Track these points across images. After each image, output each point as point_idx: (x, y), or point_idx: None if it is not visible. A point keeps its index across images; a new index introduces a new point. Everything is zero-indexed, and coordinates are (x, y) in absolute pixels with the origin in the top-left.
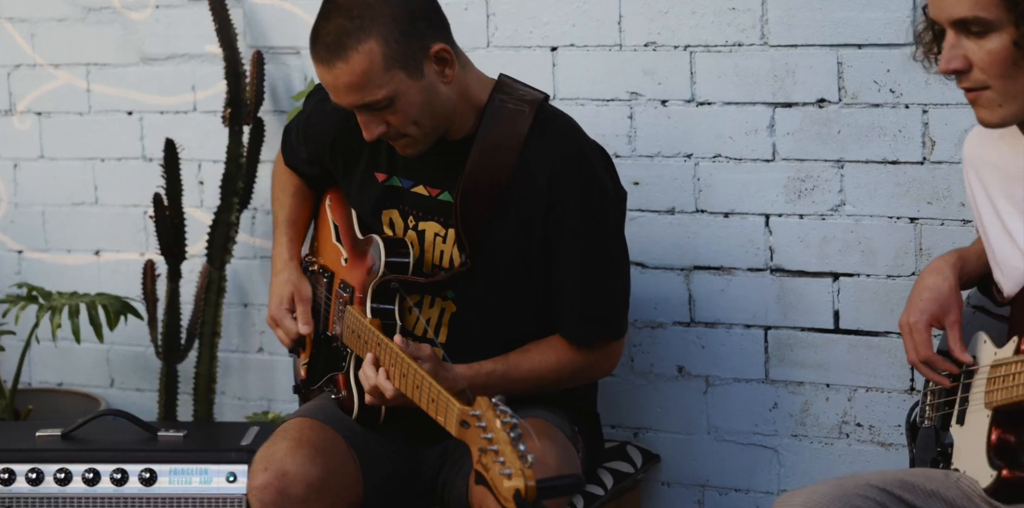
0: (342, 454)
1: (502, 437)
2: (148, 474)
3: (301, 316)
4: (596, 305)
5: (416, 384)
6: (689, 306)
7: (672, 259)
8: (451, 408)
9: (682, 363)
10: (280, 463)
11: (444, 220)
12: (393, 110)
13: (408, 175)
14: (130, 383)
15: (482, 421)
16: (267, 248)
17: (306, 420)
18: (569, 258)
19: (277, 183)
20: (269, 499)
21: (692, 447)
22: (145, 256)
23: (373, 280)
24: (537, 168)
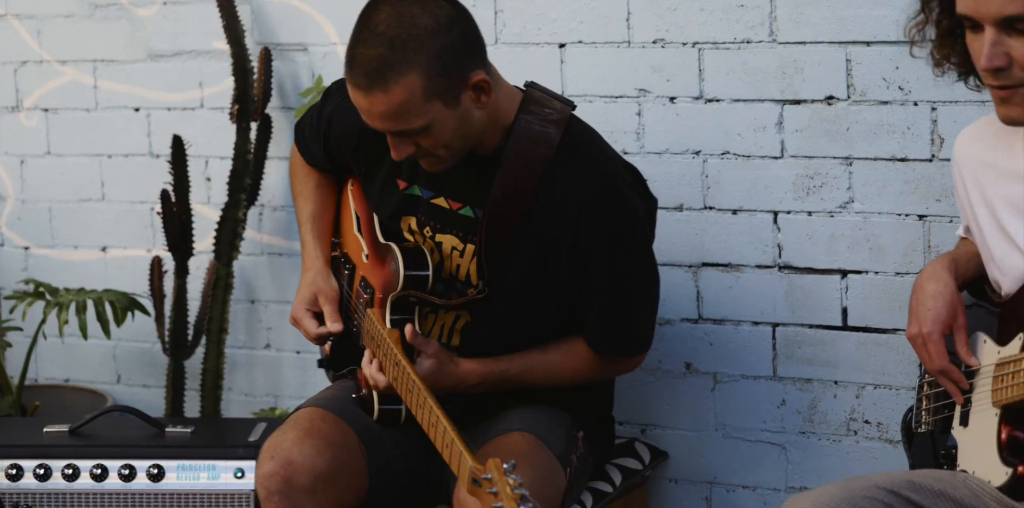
0: (351, 447)
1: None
2: (156, 470)
3: (329, 316)
4: (625, 326)
5: (432, 422)
6: (697, 303)
7: (680, 256)
8: (464, 462)
9: (690, 360)
10: (287, 452)
11: (463, 235)
12: (426, 136)
13: (429, 186)
14: (137, 379)
15: (493, 487)
16: (275, 245)
17: (317, 411)
18: (597, 281)
19: (297, 176)
20: (275, 487)
21: (700, 444)
22: (152, 252)
23: (392, 292)
24: (564, 195)
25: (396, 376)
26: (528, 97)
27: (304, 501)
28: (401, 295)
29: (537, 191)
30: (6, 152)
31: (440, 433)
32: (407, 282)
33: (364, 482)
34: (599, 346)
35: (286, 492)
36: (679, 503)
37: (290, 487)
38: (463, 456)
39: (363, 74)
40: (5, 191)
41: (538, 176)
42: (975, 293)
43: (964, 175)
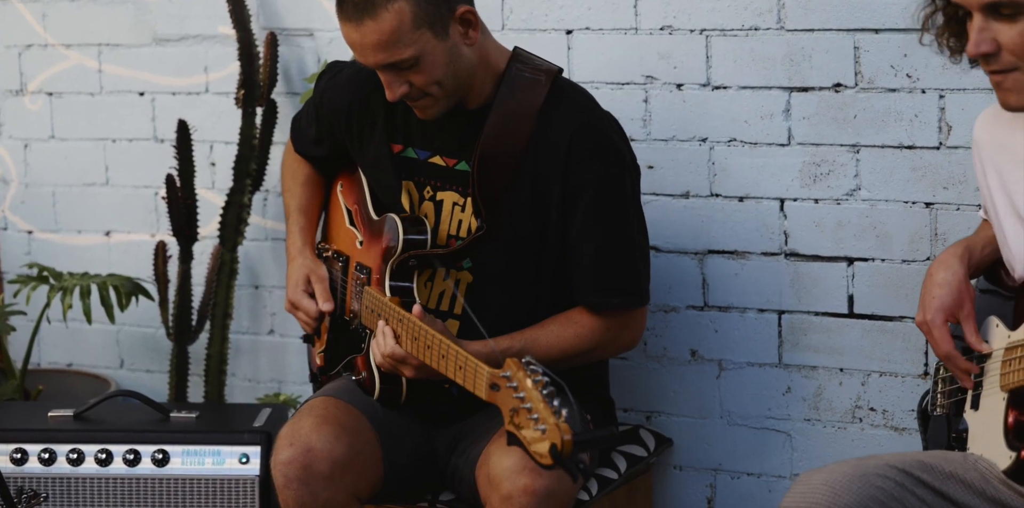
0: (366, 433)
1: (534, 395)
2: (161, 455)
3: (320, 295)
4: (616, 272)
5: (442, 353)
6: (703, 290)
7: (686, 243)
8: (480, 373)
9: (695, 347)
10: (306, 439)
11: (462, 189)
12: (418, 70)
13: (424, 146)
14: (140, 364)
15: (513, 381)
16: (279, 230)
17: (330, 399)
18: (587, 225)
19: (287, 172)
20: (294, 474)
21: (705, 431)
22: (156, 237)
23: (392, 258)
24: (554, 136)
25: (401, 332)
26: (518, 52)
27: (322, 488)
28: (401, 259)
29: (528, 135)
30: (10, 136)
31: (452, 357)
32: (406, 245)
33: (378, 469)
34: (594, 299)
35: (305, 479)
36: (684, 490)
37: (309, 474)
38: (479, 368)
39: (353, 5)
40: (9, 175)
41: (530, 120)
42: (991, 278)
43: (984, 158)
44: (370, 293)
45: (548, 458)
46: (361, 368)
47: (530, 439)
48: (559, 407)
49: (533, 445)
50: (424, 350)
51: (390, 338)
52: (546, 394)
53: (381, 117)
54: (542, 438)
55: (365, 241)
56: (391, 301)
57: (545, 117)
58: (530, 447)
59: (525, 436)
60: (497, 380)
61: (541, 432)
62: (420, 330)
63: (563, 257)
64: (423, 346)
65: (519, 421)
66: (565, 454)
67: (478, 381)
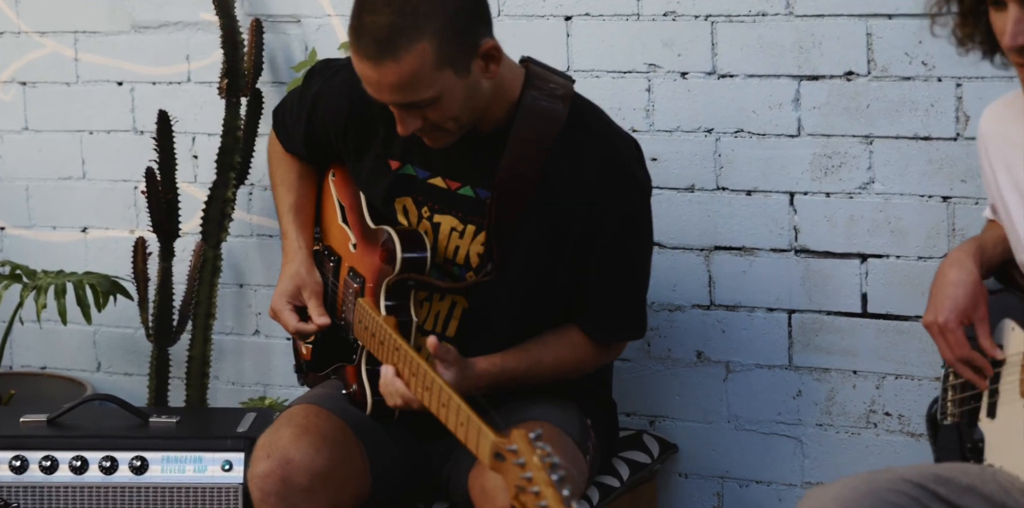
0: (349, 444)
1: (543, 477)
2: (139, 462)
3: (314, 309)
4: (625, 308)
5: (443, 402)
6: (709, 288)
7: (691, 239)
8: (484, 437)
9: (701, 348)
10: (284, 450)
11: (463, 215)
12: (435, 108)
13: (424, 165)
14: (118, 367)
15: (519, 457)
16: (265, 226)
17: (311, 407)
18: (603, 261)
19: (277, 165)
20: (271, 488)
21: (711, 437)
22: (135, 233)
23: (387, 277)
24: (574, 169)
25: (396, 362)
26: (531, 72)
27: (301, 501)
28: (398, 279)
29: (545, 170)
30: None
31: (454, 411)
32: (405, 265)
33: (363, 481)
34: (600, 332)
35: (283, 493)
36: (689, 498)
37: (287, 487)
38: (482, 431)
39: (372, 43)
40: None
41: (546, 154)
42: (1002, 279)
43: (991, 154)
44: (364, 308)
45: None
46: (351, 380)
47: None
48: (569, 497)
49: None
50: (422, 392)
51: (397, 383)
52: (556, 480)
53: (381, 130)
54: None
55: (359, 246)
56: (386, 322)
57: (564, 148)
58: None
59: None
60: (503, 451)
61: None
62: (419, 368)
63: (569, 288)
64: (421, 387)
65: (525, 501)
66: None
67: (481, 445)
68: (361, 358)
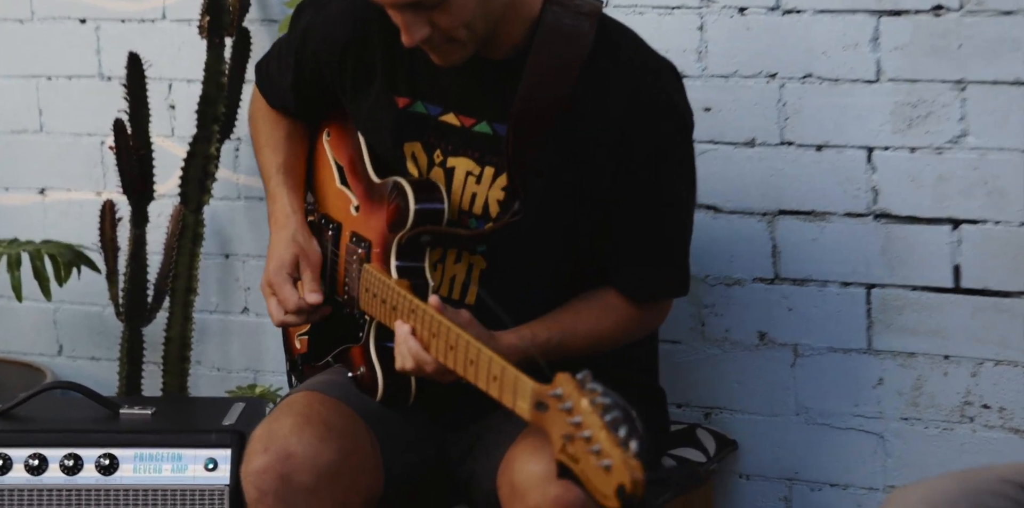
0: (358, 434)
1: (594, 421)
2: (108, 461)
3: (307, 283)
4: (666, 261)
5: (470, 359)
6: (773, 259)
7: (752, 201)
8: (522, 387)
9: (764, 329)
10: (284, 443)
11: (479, 156)
12: (444, 9)
13: (436, 100)
14: (83, 351)
15: (566, 401)
16: (254, 186)
17: (314, 394)
18: (637, 203)
19: (262, 125)
20: (269, 486)
21: (777, 432)
22: (103, 196)
23: (400, 233)
24: (604, 97)
25: (416, 327)
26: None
27: (303, 502)
28: (412, 234)
29: (571, 96)
30: None
31: (484, 366)
32: (418, 218)
33: (375, 478)
34: (637, 289)
35: (282, 492)
36: (751, 504)
37: (288, 486)
38: (519, 380)
39: None
40: None
41: (570, 80)
42: None
43: None
44: (371, 273)
45: (614, 500)
46: (358, 362)
47: (590, 475)
48: (626, 437)
49: (594, 483)
50: (446, 351)
51: (411, 341)
52: (609, 420)
53: (381, 62)
54: (606, 476)
55: (362, 207)
56: (398, 285)
57: (591, 74)
58: (590, 485)
59: (583, 471)
60: (545, 398)
61: (604, 469)
62: (440, 326)
63: (598, 238)
64: (444, 346)
65: (574, 451)
66: (638, 496)
67: (519, 397)
68: (369, 334)
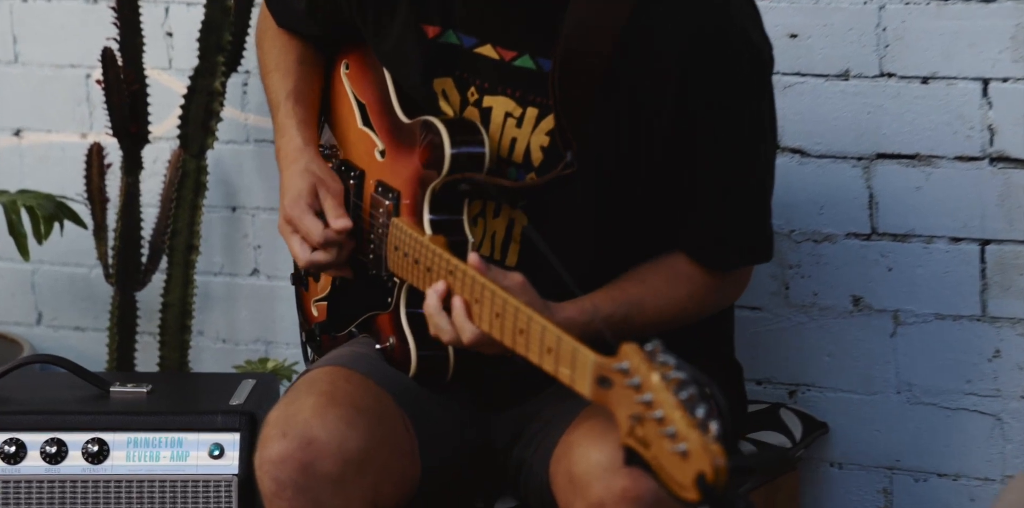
0: (390, 417)
1: (667, 399)
2: (97, 447)
3: (331, 210)
4: (743, 222)
5: (519, 328)
6: (870, 211)
7: (845, 144)
8: (581, 360)
9: (859, 292)
10: (305, 426)
11: (521, 95)
12: None
13: (470, 29)
14: (67, 319)
15: (633, 377)
16: (265, 128)
17: (339, 370)
18: (705, 156)
19: (270, 50)
20: (288, 476)
21: (875, 412)
22: (89, 138)
23: (434, 181)
24: (666, 33)
25: (457, 292)
26: None
27: (328, 495)
28: (447, 182)
29: (626, 28)
30: None
31: (536, 336)
32: (455, 163)
33: (410, 468)
34: (712, 255)
35: (304, 484)
36: (845, 496)
37: (310, 476)
38: (578, 352)
39: None
40: None
41: (626, 8)
42: None
43: None
44: (401, 228)
45: (692, 491)
46: (387, 332)
47: (664, 462)
48: (705, 418)
49: (668, 471)
50: (491, 319)
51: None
52: (685, 398)
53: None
54: (682, 462)
55: (389, 151)
56: (432, 242)
57: (650, 3)
58: (663, 473)
59: (655, 457)
60: (609, 373)
61: (680, 454)
62: (483, 290)
63: (662, 196)
64: (489, 313)
65: (644, 434)
66: (719, 486)
67: (579, 372)
68: (399, 300)
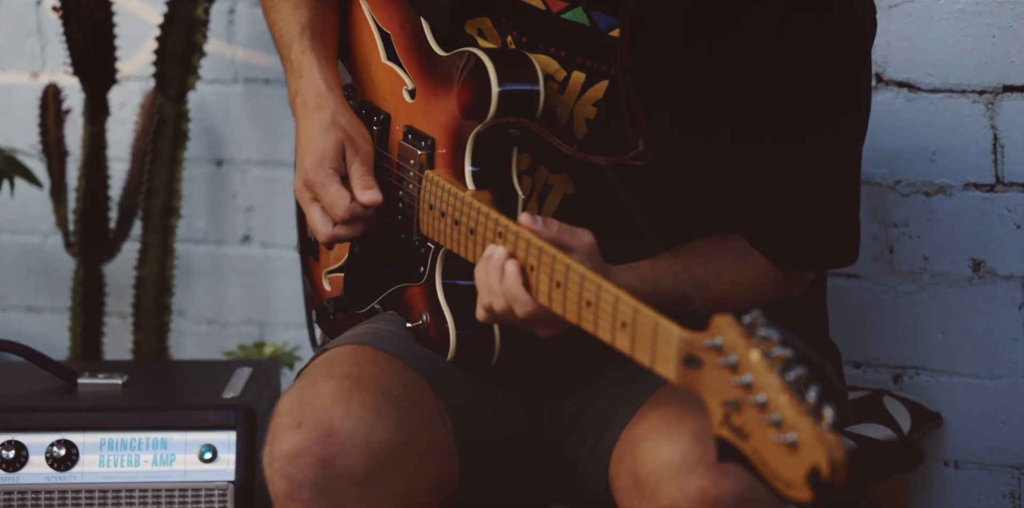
0: (425, 405)
1: (771, 381)
2: (64, 450)
3: (358, 179)
4: (826, 217)
5: (587, 299)
6: (994, 156)
7: (964, 75)
8: (664, 336)
9: (981, 256)
10: (324, 416)
11: (567, 56)
12: None
13: None
14: (18, 298)
15: (729, 355)
16: (257, 65)
17: (363, 349)
18: (783, 129)
19: None
20: (305, 474)
21: (999, 401)
22: (42, 78)
23: (479, 124)
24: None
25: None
26: None
27: (352, 497)
28: (493, 125)
29: None
30: None
31: (608, 308)
32: (504, 103)
33: (447, 463)
34: (782, 253)
35: (323, 483)
36: (962, 501)
37: (331, 474)
38: (660, 326)
39: None
40: None
41: None
42: None
43: None
44: (436, 182)
45: (804, 489)
46: (419, 308)
47: (767, 456)
48: (818, 403)
49: (773, 466)
50: (551, 290)
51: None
52: (793, 380)
53: None
54: (791, 456)
55: (421, 90)
56: (475, 198)
57: None
58: (766, 469)
59: (757, 450)
60: (699, 352)
61: (789, 446)
62: (541, 254)
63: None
64: (548, 282)
65: (743, 423)
66: (837, 482)
67: (660, 350)
68: (435, 269)
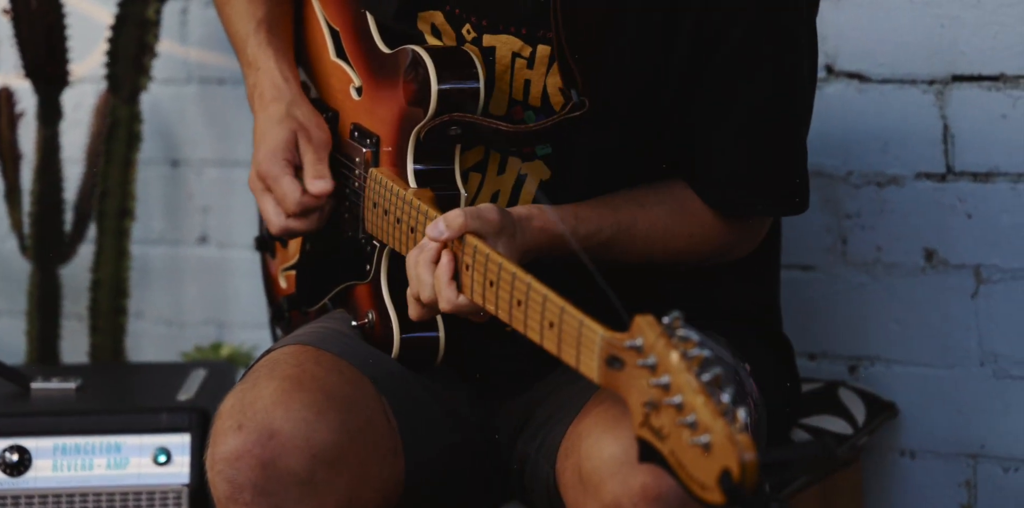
0: (370, 406)
1: (688, 382)
2: (17, 456)
3: (310, 168)
4: (771, 163)
5: (517, 299)
6: (944, 145)
7: (915, 64)
8: (588, 336)
9: (933, 245)
10: (266, 417)
11: (528, 32)
12: None
13: None
14: None
15: (648, 356)
16: (211, 64)
17: (306, 349)
18: (733, 87)
19: None
20: (246, 476)
21: (954, 390)
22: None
23: (419, 123)
24: None
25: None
26: None
27: (294, 499)
28: (434, 124)
29: None
30: None
31: (536, 307)
32: (443, 100)
33: (393, 464)
34: (730, 200)
35: (265, 485)
36: (919, 490)
37: (273, 476)
38: (585, 326)
39: None
40: None
41: None
42: None
43: None
44: (380, 180)
45: (716, 492)
46: (365, 306)
47: (683, 457)
48: (732, 404)
49: (688, 467)
50: (485, 288)
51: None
52: (709, 380)
53: None
54: (704, 457)
55: (367, 88)
56: (417, 196)
57: None
58: (682, 471)
59: (673, 451)
60: (620, 352)
61: (702, 447)
62: (475, 253)
63: (678, 131)
64: (482, 281)
65: (661, 424)
66: (747, 485)
67: (585, 351)
68: (380, 267)
